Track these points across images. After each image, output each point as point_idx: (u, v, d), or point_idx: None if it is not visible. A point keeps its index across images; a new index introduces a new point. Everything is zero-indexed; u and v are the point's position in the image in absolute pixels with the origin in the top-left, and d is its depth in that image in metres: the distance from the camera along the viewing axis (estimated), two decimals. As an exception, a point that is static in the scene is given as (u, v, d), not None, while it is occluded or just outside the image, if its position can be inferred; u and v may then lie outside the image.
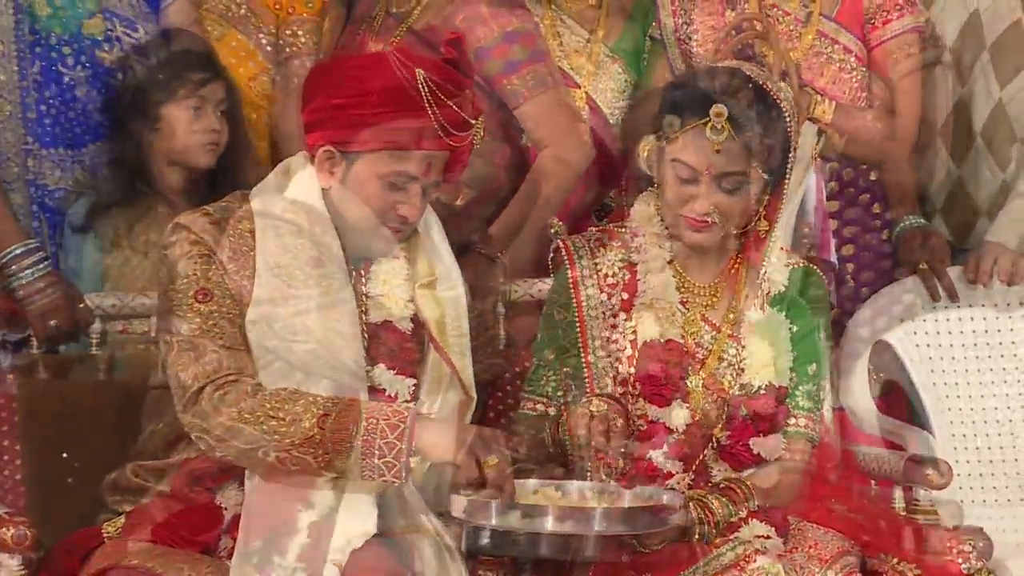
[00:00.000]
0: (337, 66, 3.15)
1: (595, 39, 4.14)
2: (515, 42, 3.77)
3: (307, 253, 3.00)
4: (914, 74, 3.94)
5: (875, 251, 4.01)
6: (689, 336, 3.16)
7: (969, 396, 3.90)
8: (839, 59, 3.92)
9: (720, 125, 3.02)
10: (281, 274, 2.97)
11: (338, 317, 2.99)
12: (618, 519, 2.81)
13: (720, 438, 3.13)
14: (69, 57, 3.79)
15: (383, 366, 3.04)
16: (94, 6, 3.81)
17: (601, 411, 2.98)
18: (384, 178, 3.01)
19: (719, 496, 3.03)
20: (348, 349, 2.99)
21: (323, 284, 3.00)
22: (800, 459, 3.16)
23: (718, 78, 3.09)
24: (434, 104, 2.97)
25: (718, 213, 3.07)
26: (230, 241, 2.98)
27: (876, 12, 3.92)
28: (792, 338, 3.18)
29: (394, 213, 3.03)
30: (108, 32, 3.82)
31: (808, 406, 3.17)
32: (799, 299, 3.20)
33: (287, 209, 3.02)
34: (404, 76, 2.97)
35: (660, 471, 3.09)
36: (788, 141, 3.10)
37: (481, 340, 3.24)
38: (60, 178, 3.80)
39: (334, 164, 3.03)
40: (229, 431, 2.85)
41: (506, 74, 3.74)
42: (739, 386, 3.14)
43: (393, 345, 3.07)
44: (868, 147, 3.94)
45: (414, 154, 3.00)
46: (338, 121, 3.01)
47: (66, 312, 3.59)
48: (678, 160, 3.07)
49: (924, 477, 3.30)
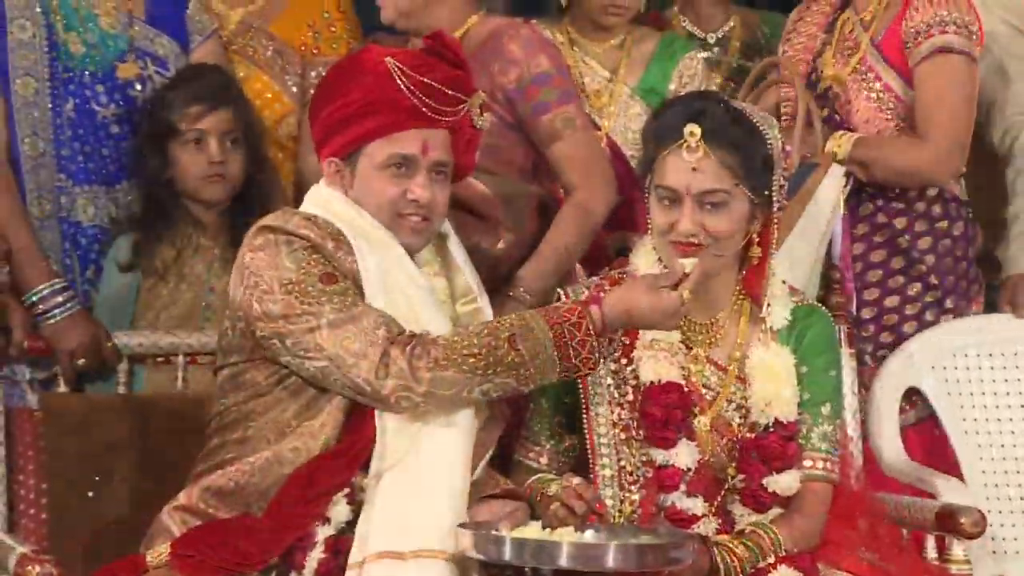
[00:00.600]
0: (322, 82, 3.22)
1: (617, 79, 4.15)
2: (545, 84, 3.76)
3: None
4: (948, 94, 3.82)
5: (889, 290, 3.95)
6: (693, 376, 3.16)
7: (1002, 445, 3.86)
8: (870, 89, 3.88)
9: (695, 144, 3.05)
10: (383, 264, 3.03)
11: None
12: (632, 556, 2.79)
13: (734, 480, 3.12)
14: (102, 95, 3.82)
15: None
16: (126, 45, 3.84)
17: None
18: (384, 166, 3.06)
19: (745, 541, 3.01)
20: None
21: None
22: (821, 502, 3.13)
23: (689, 102, 3.16)
24: (411, 85, 3.05)
25: (705, 234, 3.07)
26: (328, 233, 3.01)
27: (912, 35, 3.85)
28: (802, 378, 3.16)
29: (406, 200, 3.06)
30: (141, 71, 3.84)
31: (825, 447, 3.15)
32: (806, 337, 3.18)
33: (346, 217, 3.06)
34: (377, 67, 3.05)
35: (685, 514, 3.07)
36: (770, 161, 3.11)
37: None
38: (94, 215, 3.82)
39: (341, 174, 3.09)
40: (433, 382, 2.90)
41: (536, 115, 3.74)
42: (748, 426, 3.13)
43: None
44: (894, 175, 3.86)
45: (404, 134, 3.05)
46: (332, 131, 3.08)
47: (93, 351, 3.60)
48: (660, 186, 3.10)
49: (957, 526, 3.26)
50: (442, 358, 2.90)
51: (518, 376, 2.93)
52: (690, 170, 3.06)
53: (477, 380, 2.91)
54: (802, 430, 3.15)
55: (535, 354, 2.92)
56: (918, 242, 3.92)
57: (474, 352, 2.91)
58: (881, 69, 3.88)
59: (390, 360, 2.90)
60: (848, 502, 3.25)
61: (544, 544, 2.79)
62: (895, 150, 3.86)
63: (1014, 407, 3.88)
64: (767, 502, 3.10)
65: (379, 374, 2.90)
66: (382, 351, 2.91)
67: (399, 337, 2.93)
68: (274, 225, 3.01)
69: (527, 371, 2.93)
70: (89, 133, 3.79)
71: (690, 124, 3.05)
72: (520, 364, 2.92)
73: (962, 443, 3.84)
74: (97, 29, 3.81)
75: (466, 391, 2.92)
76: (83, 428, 3.38)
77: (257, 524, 2.94)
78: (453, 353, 2.91)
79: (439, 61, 3.10)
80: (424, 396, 2.91)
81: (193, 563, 2.92)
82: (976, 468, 3.83)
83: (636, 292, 2.98)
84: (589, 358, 2.94)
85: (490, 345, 2.92)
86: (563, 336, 2.93)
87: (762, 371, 3.14)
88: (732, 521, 3.11)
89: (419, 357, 2.90)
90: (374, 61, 3.08)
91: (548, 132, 3.72)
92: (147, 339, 3.64)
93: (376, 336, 2.92)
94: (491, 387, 2.93)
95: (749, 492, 3.10)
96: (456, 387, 2.91)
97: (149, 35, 3.88)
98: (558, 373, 2.95)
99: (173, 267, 3.78)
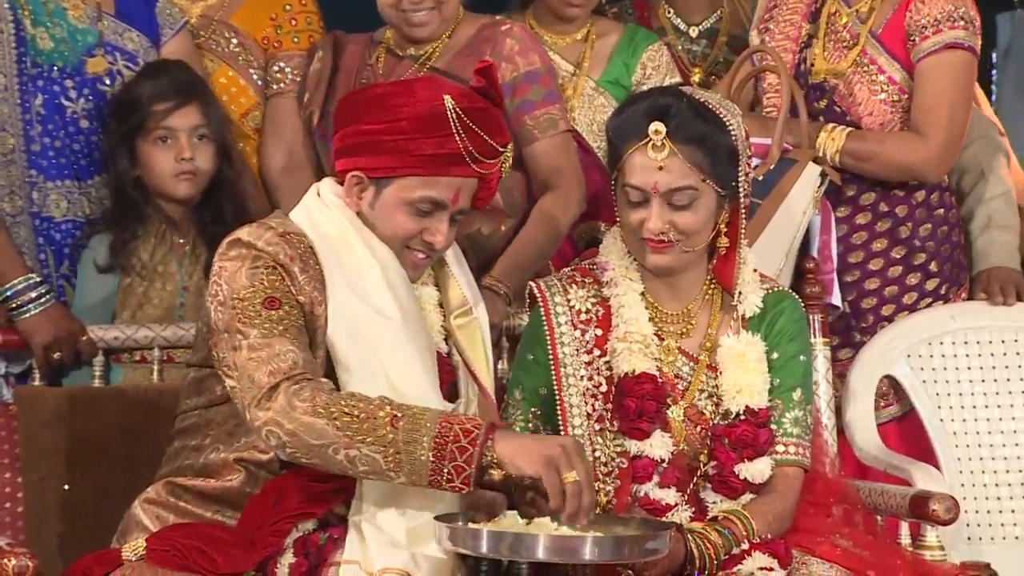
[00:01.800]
0: (367, 93, 3.15)
1: (581, 73, 4.16)
2: (534, 82, 3.83)
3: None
4: (948, 91, 3.83)
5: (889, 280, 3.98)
6: (666, 367, 3.16)
7: (976, 432, 3.88)
8: (873, 81, 3.89)
9: (660, 142, 3.05)
10: (356, 291, 2.99)
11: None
12: (608, 548, 2.80)
13: (706, 468, 3.13)
14: (72, 90, 3.80)
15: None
16: (95, 39, 3.83)
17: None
18: (412, 204, 3.02)
19: (719, 528, 3.01)
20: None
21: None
22: (793, 487, 3.14)
23: (652, 98, 3.13)
24: (462, 131, 2.98)
25: (675, 231, 3.08)
26: (298, 254, 2.98)
27: (915, 30, 3.85)
28: (773, 364, 3.17)
29: (420, 239, 3.04)
30: (110, 66, 3.83)
31: (796, 432, 3.16)
32: (777, 324, 3.19)
33: (335, 231, 3.04)
34: (433, 103, 2.99)
35: (659, 504, 3.08)
36: (735, 152, 3.11)
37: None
38: (67, 210, 3.81)
39: (363, 190, 3.05)
40: (303, 426, 2.82)
41: (521, 112, 3.80)
42: (720, 415, 3.14)
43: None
44: (887, 170, 3.88)
45: (443, 180, 3.00)
46: (368, 147, 3.02)
47: (69, 345, 3.60)
48: (627, 185, 3.09)
49: (930, 513, 3.27)
50: (320, 406, 2.83)
51: (385, 455, 2.81)
52: (656, 168, 3.06)
53: (345, 441, 2.82)
54: (774, 416, 3.16)
55: (409, 440, 2.80)
56: (919, 230, 3.94)
57: (353, 412, 2.83)
58: (884, 61, 3.89)
59: (276, 393, 2.86)
60: (823, 489, 3.26)
61: (521, 537, 2.79)
62: (893, 146, 3.86)
63: (988, 395, 3.90)
64: (739, 488, 3.11)
65: (260, 403, 2.86)
66: (274, 384, 2.86)
67: (297, 375, 2.88)
68: (246, 240, 2.98)
69: (396, 452, 2.80)
70: (59, 128, 3.78)
71: (655, 123, 3.05)
72: (391, 443, 2.80)
73: (937, 430, 3.86)
74: (65, 24, 3.80)
75: (331, 449, 2.82)
76: (59, 421, 3.38)
77: (229, 538, 2.94)
78: (334, 406, 2.83)
79: (487, 103, 3.04)
80: (290, 435, 2.83)
81: (169, 557, 2.92)
82: (951, 455, 3.84)
83: (544, 439, 2.92)
84: (463, 468, 2.79)
85: (372, 413, 2.83)
86: (447, 434, 2.80)
87: (732, 359, 3.15)
88: (704, 508, 3.11)
89: (303, 400, 2.84)
90: (431, 95, 3.00)
91: (530, 130, 3.77)
92: (122, 333, 3.64)
93: (277, 367, 2.87)
94: (357, 455, 2.81)
95: (720, 479, 3.11)
96: (324, 439, 2.82)
97: (118, 29, 3.87)
98: (428, 470, 2.79)
99: (148, 265, 3.77)
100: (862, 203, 3.93)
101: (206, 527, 2.97)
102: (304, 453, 2.85)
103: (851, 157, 3.83)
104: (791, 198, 3.68)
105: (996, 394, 3.90)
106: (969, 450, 3.87)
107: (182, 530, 2.96)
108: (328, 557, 2.93)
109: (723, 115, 3.11)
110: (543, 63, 3.87)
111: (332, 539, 2.95)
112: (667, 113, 3.06)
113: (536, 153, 3.79)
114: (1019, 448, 3.87)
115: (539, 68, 3.84)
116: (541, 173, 3.79)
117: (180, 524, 2.98)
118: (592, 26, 4.22)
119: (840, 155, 3.82)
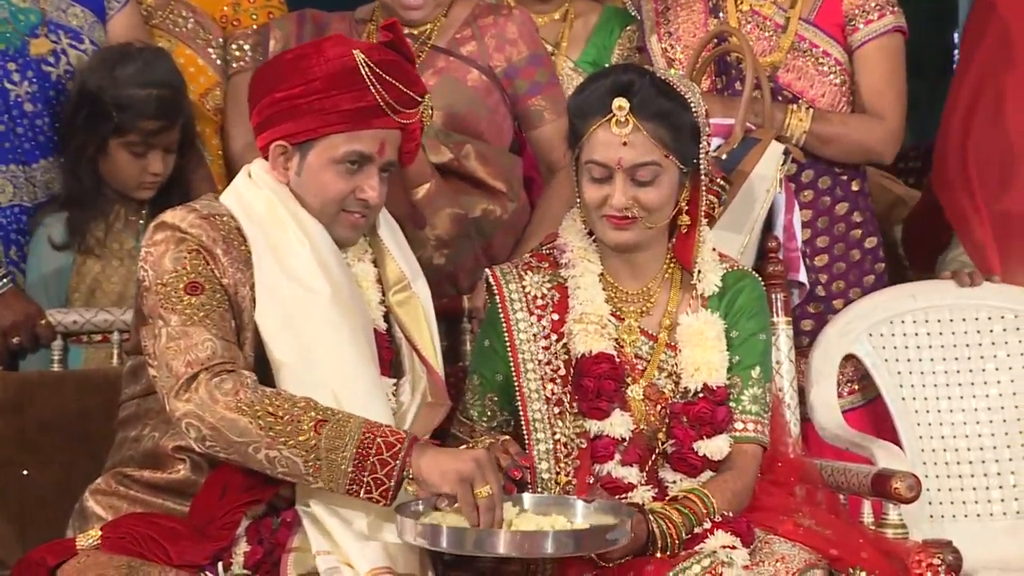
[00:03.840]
0: (276, 62, 3.16)
1: (559, 53, 4.14)
2: (540, 65, 3.86)
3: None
4: (896, 74, 3.92)
5: (849, 262, 3.99)
6: (627, 346, 3.16)
7: (938, 410, 3.90)
8: (819, 63, 3.91)
9: (623, 118, 3.05)
10: (284, 269, 2.97)
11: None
12: (570, 542, 2.80)
13: (665, 446, 3.13)
14: (15, 73, 3.76)
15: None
16: (37, 19, 3.78)
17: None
18: (339, 161, 3.02)
19: (680, 507, 3.01)
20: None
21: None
22: (752, 464, 3.14)
23: (615, 75, 3.13)
24: (377, 83, 3.00)
25: (638, 207, 3.08)
26: (222, 235, 2.96)
27: (857, 14, 3.90)
28: (732, 342, 3.17)
29: (354, 198, 3.04)
30: (54, 45, 3.78)
31: (755, 410, 3.16)
32: (736, 302, 3.19)
33: (264, 208, 3.02)
34: (344, 59, 3.00)
35: (621, 483, 3.08)
36: (697, 130, 3.11)
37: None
38: (13, 195, 3.77)
39: (288, 159, 3.05)
40: (224, 421, 2.81)
41: (531, 94, 3.82)
42: (680, 393, 3.14)
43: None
44: (849, 151, 3.92)
45: (365, 133, 3.02)
46: (285, 114, 3.02)
47: (27, 329, 3.57)
48: (591, 161, 3.09)
49: (892, 491, 3.28)
50: (244, 402, 2.82)
51: (306, 460, 2.80)
52: (620, 144, 3.06)
53: (267, 441, 2.81)
54: (732, 393, 3.16)
55: (331, 448, 2.80)
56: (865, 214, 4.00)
57: (277, 413, 2.82)
58: (826, 44, 3.92)
59: (195, 383, 2.84)
60: (785, 468, 3.27)
61: (482, 533, 2.78)
62: (855, 128, 3.90)
63: (950, 372, 3.91)
64: (698, 466, 3.11)
65: (179, 393, 2.84)
66: (193, 373, 2.85)
67: (216, 366, 2.86)
68: (170, 222, 2.97)
69: (316, 459, 2.80)
70: (2, 112, 3.73)
71: (618, 98, 3.05)
72: (313, 449, 2.80)
73: (898, 409, 3.87)
74: (7, 3, 3.75)
75: (252, 448, 2.82)
76: (17, 406, 3.36)
77: (182, 531, 2.92)
78: (258, 404, 2.82)
79: (398, 56, 3.06)
80: (211, 429, 2.83)
81: (124, 544, 2.90)
82: (912, 434, 3.86)
83: (460, 454, 2.88)
84: (383, 482, 2.80)
85: (296, 416, 2.82)
86: (370, 446, 2.80)
87: (690, 337, 3.15)
88: (664, 487, 3.11)
89: (225, 393, 2.83)
90: (341, 52, 3.02)
91: (536, 113, 3.82)
92: (81, 316, 3.61)
93: (195, 357, 2.86)
94: (278, 456, 2.81)
95: (679, 456, 3.11)
96: (245, 437, 2.81)
97: (61, 5, 3.82)
98: (348, 478, 2.80)
99: (104, 243, 3.75)
100: (821, 187, 3.95)
101: (160, 517, 2.95)
102: (224, 448, 2.84)
103: (816, 139, 3.85)
104: (755, 176, 3.69)
105: (957, 372, 3.92)
106: (931, 428, 3.88)
107: (137, 519, 2.95)
108: (284, 543, 2.92)
109: (685, 92, 3.11)
110: (542, 47, 3.90)
111: (285, 523, 2.94)
112: (630, 89, 3.06)
113: (545, 136, 3.82)
114: (980, 426, 3.89)
115: (540, 51, 3.87)
116: (551, 155, 3.81)
117: (135, 514, 2.97)
118: (571, 5, 4.22)
119: (807, 135, 3.83)
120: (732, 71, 3.94)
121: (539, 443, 3.09)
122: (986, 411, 3.89)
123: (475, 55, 3.80)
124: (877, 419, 3.95)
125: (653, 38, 4.03)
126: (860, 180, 4.01)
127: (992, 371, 3.91)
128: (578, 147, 3.13)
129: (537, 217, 3.76)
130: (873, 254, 4.02)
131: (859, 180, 4.01)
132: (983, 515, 3.85)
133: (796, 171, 3.87)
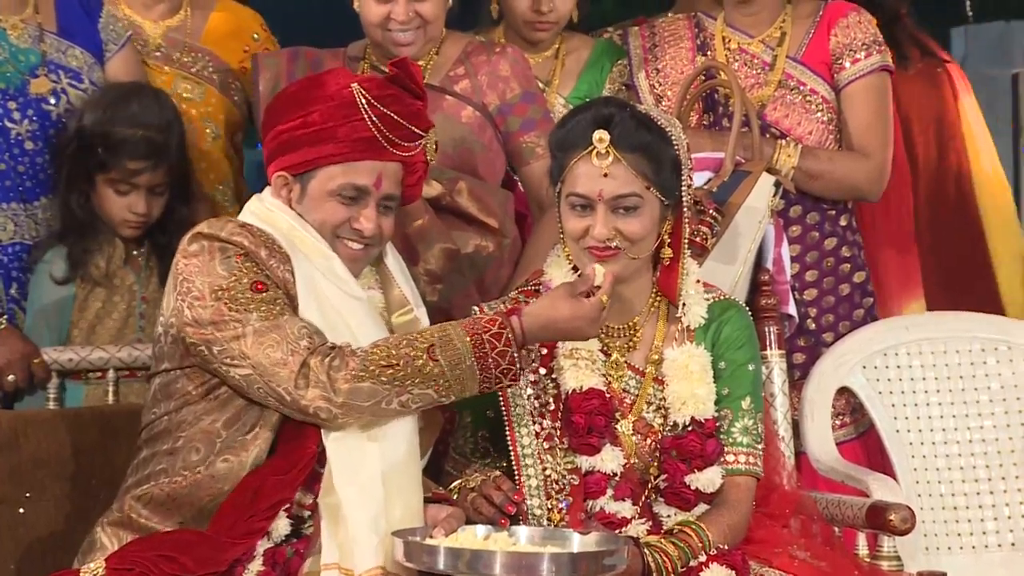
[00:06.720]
0: (281, 95, 3.21)
1: (551, 89, 4.16)
2: (533, 102, 3.88)
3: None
4: (882, 112, 3.96)
5: (838, 296, 4.01)
6: (614, 381, 3.17)
7: (932, 442, 3.89)
8: (806, 100, 3.94)
9: (604, 150, 3.07)
10: (322, 271, 3.06)
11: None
12: (566, 565, 2.80)
13: (657, 480, 3.13)
14: (15, 112, 3.78)
15: None
16: (37, 59, 3.81)
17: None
18: (335, 193, 3.07)
19: (676, 541, 3.02)
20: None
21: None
22: (745, 496, 3.14)
23: (595, 108, 3.15)
24: (373, 115, 3.05)
25: (620, 237, 3.10)
26: (261, 241, 3.01)
27: (843, 53, 3.94)
28: (720, 374, 3.18)
29: (349, 227, 3.08)
30: (54, 85, 3.81)
31: (747, 441, 3.17)
32: (723, 332, 3.21)
33: (286, 225, 3.08)
34: (342, 92, 3.05)
35: (614, 518, 3.08)
36: (678, 163, 3.13)
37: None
38: (14, 233, 3.78)
39: (290, 190, 3.10)
40: (350, 394, 2.90)
41: (524, 131, 3.85)
42: (669, 427, 3.15)
43: None
44: (835, 188, 3.95)
45: (361, 165, 3.07)
46: (286, 146, 3.08)
47: (22, 368, 3.58)
48: (572, 193, 3.11)
49: (887, 523, 3.28)
50: (359, 369, 2.91)
51: (437, 387, 2.93)
52: (601, 176, 3.08)
53: (395, 391, 2.91)
54: (723, 426, 3.17)
55: (454, 365, 2.92)
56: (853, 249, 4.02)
57: (392, 363, 2.91)
58: (813, 83, 3.95)
59: (309, 370, 2.91)
60: (779, 500, 3.27)
61: (479, 553, 2.80)
62: (842, 164, 3.93)
63: (944, 404, 3.91)
64: (691, 500, 3.11)
65: (299, 384, 2.91)
66: (302, 361, 2.91)
67: (320, 348, 2.94)
68: (208, 232, 3.02)
69: (446, 382, 2.93)
70: (3, 151, 3.75)
71: (598, 131, 3.07)
72: (439, 375, 2.92)
73: (893, 441, 3.87)
74: (7, 44, 3.78)
75: (384, 403, 2.92)
76: (13, 444, 3.34)
77: (199, 539, 2.93)
78: (370, 364, 2.91)
79: (402, 91, 3.10)
80: (342, 407, 2.91)
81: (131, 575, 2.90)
82: (907, 466, 3.85)
83: (556, 301, 2.99)
84: (509, 369, 2.95)
85: (408, 356, 2.92)
86: (483, 346, 2.93)
87: (676, 371, 3.16)
88: (659, 522, 3.12)
89: (337, 369, 2.91)
90: (340, 85, 3.07)
91: (528, 149, 3.84)
92: (77, 355, 3.62)
93: (298, 346, 2.93)
94: (410, 398, 2.93)
95: (672, 491, 3.12)
96: (374, 399, 2.91)
97: (61, 47, 3.85)
98: (478, 384, 2.95)
99: (105, 277, 3.76)
100: (809, 222, 3.97)
101: (170, 534, 2.96)
102: (356, 417, 2.93)
103: (804, 175, 3.87)
104: (746, 208, 3.70)
105: (951, 404, 3.91)
106: (925, 460, 3.88)
107: (141, 543, 2.95)
108: (295, 571, 2.94)
109: (665, 126, 3.14)
110: (535, 84, 3.94)
111: (299, 553, 2.96)
112: (610, 122, 3.08)
113: (536, 172, 3.83)
114: (975, 458, 3.88)
115: (533, 89, 3.90)
116: (540, 191, 3.83)
117: (141, 539, 2.96)
118: (563, 43, 4.23)
119: (796, 171, 3.85)
120: (720, 107, 3.97)
121: (529, 479, 3.10)
122: (980, 443, 3.89)
123: (469, 92, 3.82)
124: (870, 452, 3.96)
125: (641, 74, 4.07)
126: (848, 216, 4.04)
127: (986, 403, 3.91)
128: (560, 180, 3.14)
129: (528, 253, 3.78)
130: (862, 288, 4.05)
131: (847, 215, 4.03)
132: (978, 547, 3.84)
133: (784, 206, 3.90)
